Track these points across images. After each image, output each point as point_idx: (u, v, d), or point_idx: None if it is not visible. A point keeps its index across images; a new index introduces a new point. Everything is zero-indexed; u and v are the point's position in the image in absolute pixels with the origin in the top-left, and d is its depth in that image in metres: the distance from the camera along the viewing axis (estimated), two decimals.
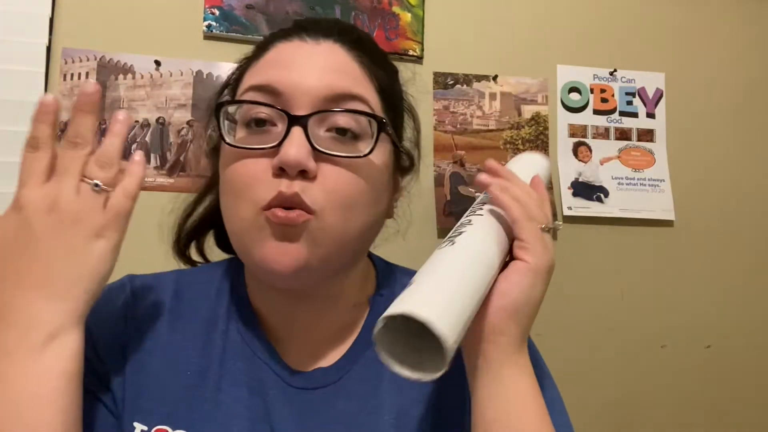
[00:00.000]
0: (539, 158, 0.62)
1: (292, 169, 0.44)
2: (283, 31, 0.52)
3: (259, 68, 0.49)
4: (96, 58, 1.06)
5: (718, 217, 1.26)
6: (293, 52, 0.48)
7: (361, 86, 0.49)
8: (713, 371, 1.22)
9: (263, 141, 0.46)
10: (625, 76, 1.26)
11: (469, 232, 0.47)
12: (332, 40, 0.49)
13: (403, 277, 0.61)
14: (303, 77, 0.47)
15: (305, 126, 0.45)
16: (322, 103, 0.46)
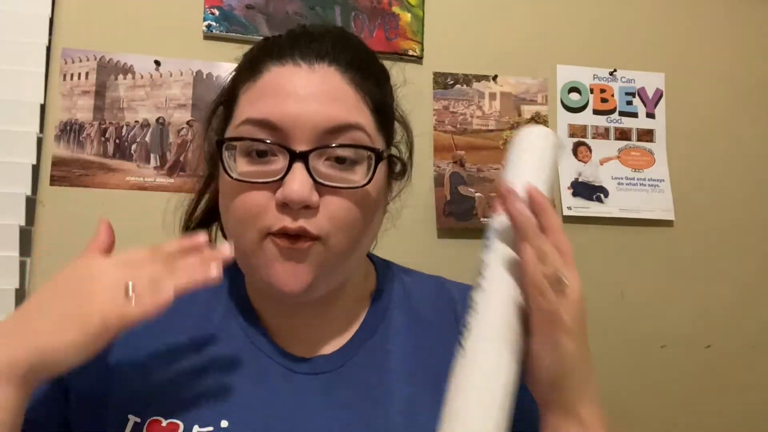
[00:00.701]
0: (548, 141, 0.53)
1: (297, 206, 0.46)
2: (276, 48, 0.51)
3: (255, 96, 0.49)
4: (96, 58, 1.06)
5: (718, 217, 1.26)
6: (288, 80, 0.48)
7: (357, 112, 0.49)
8: (713, 371, 1.22)
9: (265, 172, 0.48)
10: (624, 76, 1.26)
11: (486, 320, 0.46)
12: (326, 62, 0.49)
13: (400, 273, 0.63)
14: (301, 110, 0.47)
15: (306, 161, 0.46)
16: (320, 135, 0.47)
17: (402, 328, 0.57)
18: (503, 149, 1.19)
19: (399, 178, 0.60)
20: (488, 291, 0.47)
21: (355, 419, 0.51)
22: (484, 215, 1.15)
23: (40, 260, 1.01)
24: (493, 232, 0.50)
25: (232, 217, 0.50)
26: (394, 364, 0.54)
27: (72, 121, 1.04)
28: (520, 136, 0.54)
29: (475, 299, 0.47)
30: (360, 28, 1.14)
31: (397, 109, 0.59)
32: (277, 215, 0.47)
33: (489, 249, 0.49)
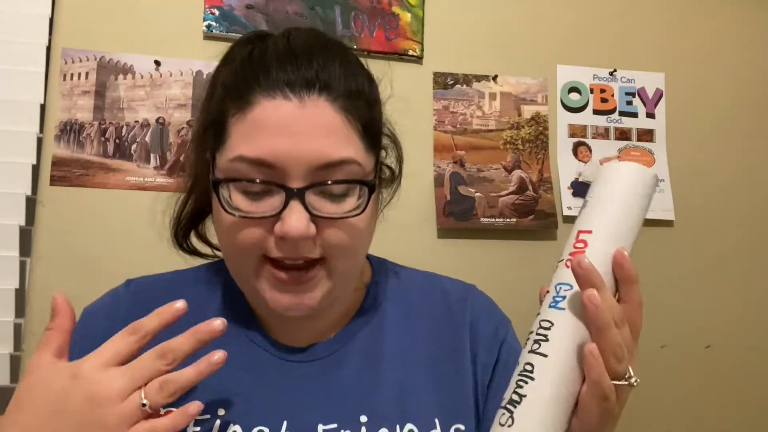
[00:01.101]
0: (647, 185, 0.45)
1: (295, 240, 0.47)
2: (264, 76, 0.49)
3: (246, 131, 0.48)
4: (96, 58, 1.06)
5: (718, 217, 1.26)
6: (280, 116, 0.48)
7: (349, 144, 0.49)
8: (713, 371, 1.22)
9: (262, 206, 0.48)
10: (624, 76, 1.26)
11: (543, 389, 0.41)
12: (316, 92, 0.49)
13: (395, 268, 0.65)
14: (295, 147, 0.47)
15: (302, 197, 0.47)
16: (315, 172, 0.48)
17: (395, 318, 0.59)
18: (503, 149, 1.19)
19: (389, 185, 0.61)
20: (550, 361, 0.41)
21: (348, 400, 0.53)
22: (484, 215, 1.15)
23: (40, 260, 1.01)
24: (565, 288, 0.43)
25: (230, 246, 0.51)
26: (387, 351, 0.56)
27: (72, 121, 1.04)
28: (614, 172, 0.46)
29: (532, 363, 0.42)
30: (360, 28, 1.14)
31: (385, 124, 0.59)
32: (275, 246, 0.48)
33: (557, 305, 0.43)
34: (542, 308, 0.44)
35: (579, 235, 0.45)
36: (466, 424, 0.54)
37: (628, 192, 0.45)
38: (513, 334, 0.62)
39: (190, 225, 0.63)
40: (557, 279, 0.44)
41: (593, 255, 0.43)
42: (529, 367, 0.42)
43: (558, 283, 0.44)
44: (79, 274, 1.01)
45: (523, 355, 0.43)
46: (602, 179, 0.46)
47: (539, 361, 0.41)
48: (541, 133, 1.21)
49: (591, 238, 0.44)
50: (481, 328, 0.59)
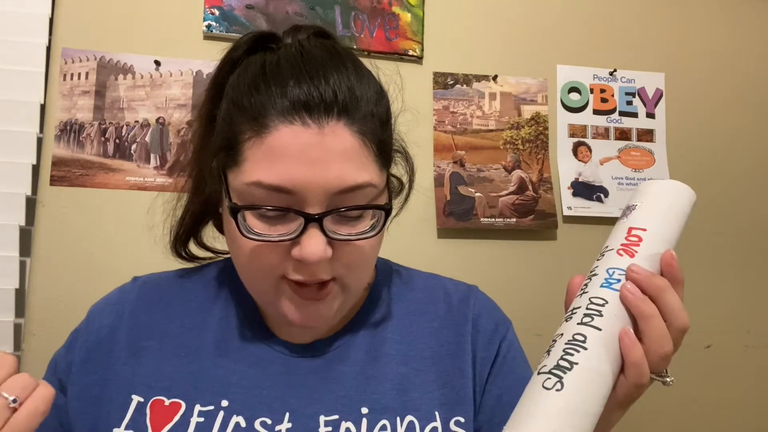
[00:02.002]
0: (691, 203, 0.50)
1: (314, 264, 0.48)
2: (280, 98, 0.48)
3: (264, 156, 0.48)
4: (96, 58, 1.06)
5: (718, 217, 1.26)
6: (298, 144, 0.47)
7: (365, 168, 0.50)
8: (713, 371, 1.22)
9: (278, 230, 0.49)
10: (624, 76, 1.26)
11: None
12: (335, 117, 0.48)
13: (398, 268, 0.66)
14: (313, 174, 0.47)
15: (320, 223, 0.48)
16: (333, 197, 0.48)
17: (398, 315, 0.60)
18: (503, 149, 1.19)
19: (396, 196, 0.62)
20: (604, 335, 0.42)
21: (349, 393, 0.54)
22: (484, 215, 1.15)
23: (40, 260, 1.01)
24: (619, 272, 0.45)
25: (247, 269, 0.52)
26: (389, 347, 0.57)
27: (72, 121, 1.04)
28: (672, 188, 0.49)
29: (584, 334, 0.42)
30: (360, 28, 1.14)
31: (397, 140, 0.59)
32: (293, 268, 0.49)
33: (610, 286, 0.45)
34: (590, 287, 0.45)
35: (631, 231, 0.47)
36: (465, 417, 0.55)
37: (680, 207, 0.49)
38: (513, 333, 0.63)
39: (190, 233, 0.63)
40: (608, 264, 0.46)
41: (645, 250, 0.46)
42: (580, 337, 0.42)
43: (610, 268, 0.46)
44: (79, 274, 1.01)
45: (568, 327, 0.44)
46: (659, 190, 0.49)
47: (593, 334, 0.42)
48: (541, 133, 1.21)
49: (645, 235, 0.47)
50: (481, 325, 0.60)
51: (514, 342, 0.62)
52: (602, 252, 0.49)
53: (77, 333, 0.59)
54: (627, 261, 0.45)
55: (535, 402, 0.40)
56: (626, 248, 0.46)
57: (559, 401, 0.40)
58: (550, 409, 0.39)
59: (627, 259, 0.46)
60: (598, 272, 0.46)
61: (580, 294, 0.46)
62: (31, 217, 1.00)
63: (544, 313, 1.17)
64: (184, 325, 0.57)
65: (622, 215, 0.50)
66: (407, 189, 0.62)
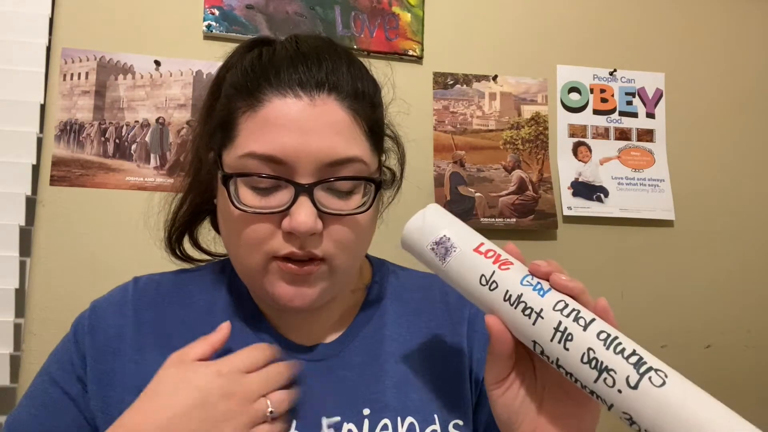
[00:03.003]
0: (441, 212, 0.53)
1: (304, 234, 0.49)
2: (275, 75, 0.51)
3: (257, 128, 0.50)
4: (96, 58, 1.06)
5: (718, 217, 1.26)
6: (291, 114, 0.49)
7: (356, 143, 0.51)
8: (713, 371, 1.22)
9: (270, 202, 0.50)
10: (624, 76, 1.26)
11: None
12: (326, 92, 0.50)
13: (395, 269, 0.66)
14: (304, 144, 0.48)
15: (311, 193, 0.49)
16: (323, 168, 0.49)
17: (396, 316, 0.60)
18: (503, 149, 1.19)
19: (389, 187, 0.62)
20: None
21: (351, 395, 0.54)
22: (484, 215, 1.15)
23: (40, 260, 1.01)
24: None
25: (237, 242, 0.52)
26: (388, 347, 0.57)
27: (72, 121, 1.04)
28: (433, 215, 0.52)
29: (606, 330, 0.43)
30: (360, 28, 1.14)
31: (388, 126, 0.60)
32: (283, 242, 0.50)
33: (544, 290, 0.46)
34: (535, 304, 0.44)
35: (479, 251, 0.48)
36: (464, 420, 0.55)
37: (445, 216, 0.53)
38: None
39: (185, 227, 0.63)
40: (512, 281, 0.46)
41: (504, 254, 0.48)
42: (606, 334, 0.42)
43: (521, 281, 0.46)
44: (79, 274, 1.01)
45: (590, 333, 0.43)
46: (434, 216, 0.52)
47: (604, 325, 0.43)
48: (541, 133, 1.21)
49: (488, 245, 0.48)
50: (478, 324, 0.60)
51: None
52: (484, 285, 0.46)
53: (81, 325, 0.58)
54: (519, 268, 0.46)
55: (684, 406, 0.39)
56: (503, 264, 0.46)
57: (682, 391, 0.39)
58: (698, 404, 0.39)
59: (518, 267, 0.46)
60: (513, 292, 0.45)
61: (535, 318, 0.43)
62: (31, 217, 1.00)
63: None
64: (186, 325, 0.57)
65: (443, 254, 0.49)
66: (399, 176, 0.63)
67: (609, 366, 0.39)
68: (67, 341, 0.58)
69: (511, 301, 0.44)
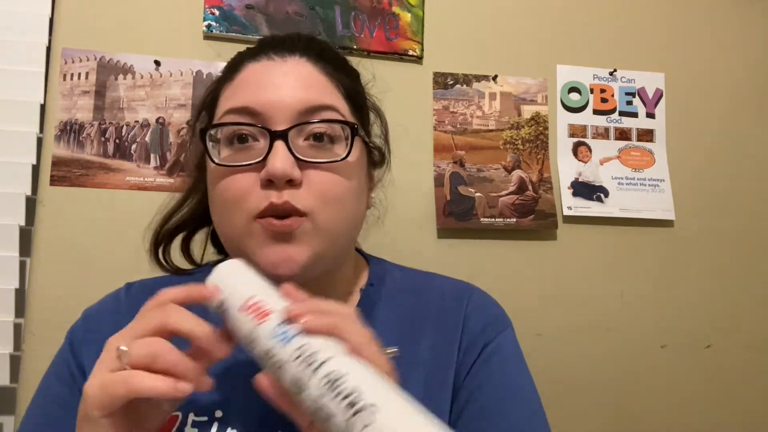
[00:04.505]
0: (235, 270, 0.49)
1: (280, 180, 0.48)
2: (251, 51, 0.55)
3: (234, 90, 0.52)
4: (96, 58, 1.06)
5: (718, 217, 1.26)
6: (264, 72, 0.51)
7: (330, 96, 0.52)
8: (713, 371, 1.22)
9: (248, 156, 0.50)
10: (625, 76, 1.26)
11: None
12: (298, 55, 0.53)
13: (393, 269, 0.64)
14: (277, 95, 0.50)
15: (286, 139, 0.49)
16: (297, 116, 0.50)
17: (389, 320, 0.58)
18: (503, 149, 1.19)
19: (378, 167, 0.62)
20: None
21: None
22: (484, 215, 1.15)
23: (40, 260, 1.01)
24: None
25: (219, 202, 0.52)
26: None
27: (72, 121, 1.04)
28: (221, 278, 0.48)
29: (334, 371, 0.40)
30: (360, 28, 1.14)
31: (369, 98, 0.61)
32: (262, 194, 0.49)
33: (288, 340, 0.42)
34: (276, 353, 0.41)
35: (246, 308, 0.44)
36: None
37: (239, 273, 0.49)
38: (508, 337, 0.60)
39: (173, 234, 0.62)
40: (264, 336, 0.42)
41: (268, 304, 0.44)
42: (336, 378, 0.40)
43: (271, 336, 0.42)
44: (79, 274, 1.01)
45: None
46: (225, 277, 0.47)
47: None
48: (541, 133, 1.21)
49: (256, 298, 0.45)
50: (469, 327, 0.57)
51: (506, 346, 0.59)
52: (249, 344, 0.44)
53: (75, 337, 0.57)
54: (277, 317, 0.42)
55: None
56: (262, 315, 0.43)
57: None
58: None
59: (277, 315, 0.42)
60: (264, 347, 0.42)
61: (281, 372, 0.40)
62: (31, 217, 1.00)
63: (544, 312, 1.17)
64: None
65: (223, 319, 0.46)
66: (386, 150, 0.64)
67: (331, 410, 0.37)
68: (64, 355, 0.57)
69: (266, 358, 0.41)
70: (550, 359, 1.14)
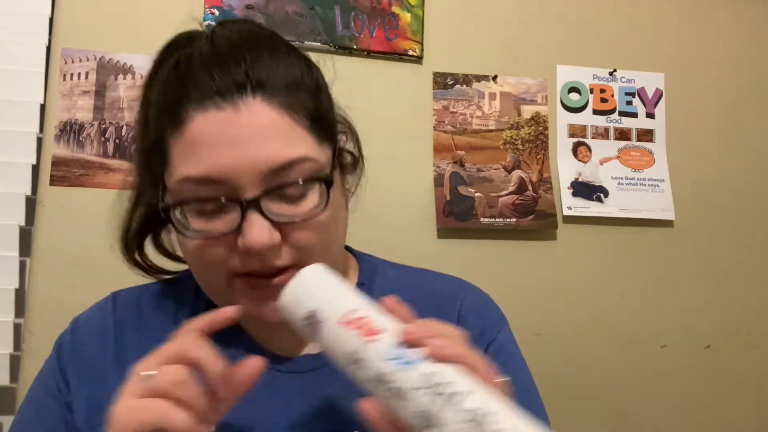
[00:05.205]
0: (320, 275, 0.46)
1: (260, 252, 0.45)
2: (193, 87, 0.46)
3: (186, 151, 0.45)
4: (96, 58, 1.06)
5: (718, 217, 1.26)
6: (216, 128, 0.44)
7: (297, 142, 0.46)
8: (713, 371, 1.22)
9: (217, 224, 0.46)
10: (624, 76, 1.26)
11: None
12: (251, 94, 0.45)
13: (385, 268, 0.61)
14: (238, 157, 0.44)
15: (258, 206, 0.45)
16: (266, 177, 0.45)
17: None
18: (503, 149, 1.19)
19: (352, 172, 0.58)
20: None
21: (339, 416, 0.51)
22: (484, 215, 1.15)
23: (40, 260, 1.01)
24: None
25: (197, 268, 0.50)
26: None
27: (72, 121, 1.04)
28: (304, 286, 0.44)
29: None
30: (360, 28, 1.14)
31: (335, 110, 0.55)
32: (242, 260, 0.46)
33: (410, 365, 0.39)
34: (400, 381, 0.38)
35: (347, 322, 0.41)
36: None
37: (327, 281, 0.46)
38: (507, 334, 0.59)
39: (143, 233, 0.60)
40: (374, 361, 0.39)
41: (376, 322, 0.41)
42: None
43: (385, 359, 0.39)
44: (79, 275, 1.01)
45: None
46: (305, 285, 0.45)
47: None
48: (540, 133, 1.21)
49: (360, 313, 0.42)
50: (467, 328, 0.54)
51: (507, 345, 0.58)
52: (352, 364, 0.40)
53: (63, 348, 0.56)
54: (390, 337, 0.39)
55: None
56: (370, 333, 0.39)
57: None
58: None
59: (388, 335, 0.39)
60: (377, 370, 0.38)
61: (401, 401, 0.37)
62: (31, 217, 1.00)
63: (544, 312, 1.17)
64: (161, 336, 0.53)
65: (312, 331, 0.43)
66: (359, 157, 0.58)
67: None
68: (51, 366, 0.55)
69: (378, 382, 0.38)
70: (550, 359, 1.15)
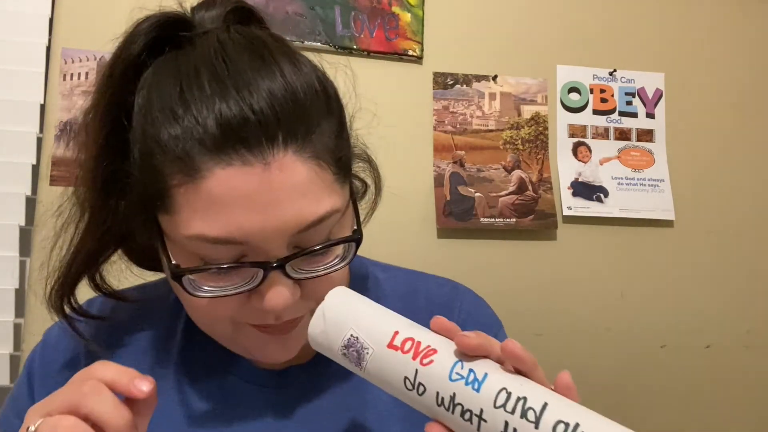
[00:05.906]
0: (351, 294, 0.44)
1: (281, 313, 0.42)
2: (215, 141, 0.38)
3: (203, 206, 0.39)
4: (96, 58, 1.06)
5: (718, 217, 1.26)
6: (242, 190, 0.38)
7: (325, 194, 0.41)
8: (713, 371, 1.22)
9: (234, 280, 0.42)
10: (624, 76, 1.26)
11: None
12: (281, 146, 0.39)
13: (375, 271, 0.59)
14: (267, 221, 0.39)
15: (283, 268, 0.41)
16: (292, 238, 0.41)
17: None
18: (503, 149, 1.19)
19: (361, 198, 0.55)
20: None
21: (329, 427, 0.49)
22: (484, 215, 1.15)
23: (40, 260, 1.01)
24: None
25: (199, 318, 0.46)
26: None
27: (72, 121, 1.04)
28: (340, 307, 0.42)
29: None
30: (360, 28, 1.14)
31: (356, 145, 0.51)
32: (256, 315, 0.43)
33: (480, 382, 0.38)
34: (467, 403, 0.36)
35: (396, 345, 0.39)
36: None
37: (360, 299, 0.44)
38: (502, 337, 0.57)
39: (80, 275, 0.53)
40: (438, 380, 0.37)
41: (430, 340, 0.40)
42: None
43: (449, 377, 0.37)
44: None
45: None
46: (341, 307, 0.43)
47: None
48: (540, 133, 1.21)
49: (404, 334, 0.40)
50: (468, 326, 0.55)
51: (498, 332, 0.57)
52: (411, 389, 0.38)
53: (33, 371, 0.53)
54: (446, 356, 0.37)
55: None
56: (425, 355, 0.37)
57: None
58: None
59: (444, 353, 0.37)
60: (445, 393, 0.36)
61: (477, 423, 0.35)
62: (31, 217, 1.00)
63: (544, 313, 1.17)
64: (142, 356, 0.51)
65: (357, 359, 0.40)
66: (374, 194, 0.55)
67: None
68: (22, 389, 0.53)
69: (446, 406, 0.36)
70: (549, 359, 1.14)
